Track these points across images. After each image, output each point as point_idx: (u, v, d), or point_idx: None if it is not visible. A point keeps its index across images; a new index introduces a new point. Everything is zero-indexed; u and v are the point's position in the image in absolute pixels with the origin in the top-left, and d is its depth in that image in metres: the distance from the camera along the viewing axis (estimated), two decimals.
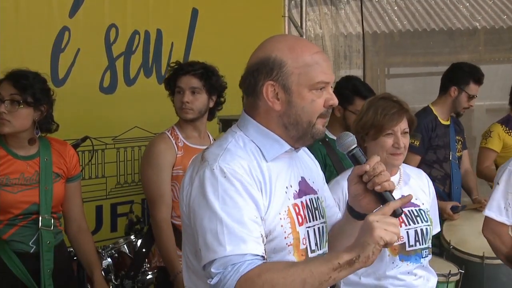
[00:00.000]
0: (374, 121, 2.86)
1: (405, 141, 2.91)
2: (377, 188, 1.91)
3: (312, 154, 2.29)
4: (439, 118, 4.88)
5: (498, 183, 3.19)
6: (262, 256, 1.81)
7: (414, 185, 3.06)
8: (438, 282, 3.18)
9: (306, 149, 2.24)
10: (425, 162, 4.78)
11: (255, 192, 1.87)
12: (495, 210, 3.18)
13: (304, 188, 2.06)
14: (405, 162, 4.80)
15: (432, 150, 4.83)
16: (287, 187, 1.99)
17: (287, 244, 1.93)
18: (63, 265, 3.37)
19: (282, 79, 1.93)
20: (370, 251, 1.77)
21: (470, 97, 4.85)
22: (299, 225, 1.97)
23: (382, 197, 1.93)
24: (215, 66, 3.74)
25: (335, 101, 1.97)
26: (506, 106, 5.45)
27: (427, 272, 3.03)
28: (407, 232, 2.92)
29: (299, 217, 1.98)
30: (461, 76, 4.88)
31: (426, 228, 2.97)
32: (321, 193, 2.13)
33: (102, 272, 3.64)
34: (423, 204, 3.04)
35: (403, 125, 2.91)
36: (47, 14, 4.24)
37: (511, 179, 3.14)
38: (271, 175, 1.94)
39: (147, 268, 3.80)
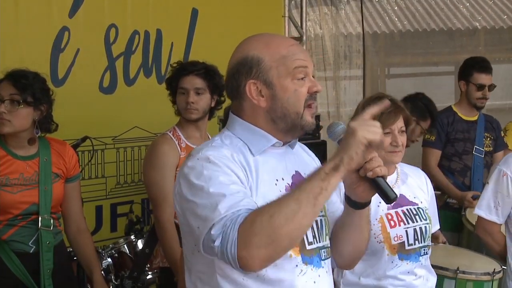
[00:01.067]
0: None
1: (402, 139, 2.94)
2: (369, 174, 1.89)
3: None
4: (459, 114, 5.11)
5: (488, 183, 3.24)
6: None
7: (412, 183, 3.07)
8: (483, 281, 3.22)
9: (305, 146, 2.26)
10: (444, 155, 5.05)
11: (239, 172, 1.89)
12: (484, 209, 3.23)
13: (298, 182, 2.04)
14: (424, 157, 4.97)
15: (450, 143, 5.06)
16: (277, 179, 2.00)
17: None
18: (63, 265, 3.36)
19: (262, 76, 1.95)
20: (354, 151, 1.80)
21: (479, 87, 4.99)
22: None
23: (376, 183, 1.92)
24: (215, 66, 3.75)
25: (318, 87, 1.99)
26: (507, 106, 5.50)
27: (427, 271, 3.02)
28: (406, 230, 2.92)
29: None
30: (464, 69, 5.11)
31: (425, 227, 2.98)
32: None
33: (102, 272, 3.65)
34: (421, 202, 3.05)
35: (400, 123, 2.94)
36: (47, 14, 4.25)
37: (500, 179, 3.16)
38: (257, 166, 1.95)
39: (147, 268, 3.80)
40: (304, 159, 2.19)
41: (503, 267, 3.65)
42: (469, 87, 5.03)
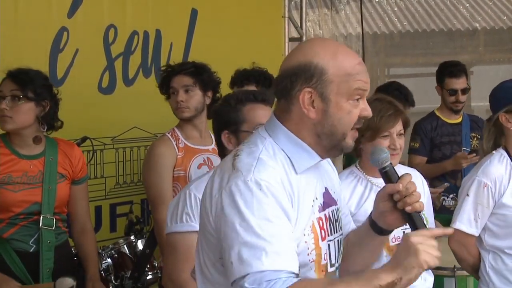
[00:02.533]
0: (370, 123, 2.85)
1: (400, 142, 2.95)
2: (408, 208, 1.86)
3: None
4: (442, 118, 5.13)
5: (468, 195, 3.09)
6: (297, 274, 1.74)
7: None
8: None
9: None
10: (433, 160, 5.07)
11: (288, 207, 1.80)
12: (465, 222, 3.09)
13: (328, 200, 1.99)
14: (409, 164, 4.96)
15: (436, 148, 5.08)
16: (313, 200, 1.92)
17: (309, 260, 1.87)
18: (64, 265, 3.35)
19: (321, 87, 1.85)
20: (414, 274, 1.74)
21: (451, 92, 5.03)
22: (322, 240, 1.91)
23: (410, 217, 1.90)
24: (208, 64, 3.76)
25: (369, 112, 1.92)
26: None
27: (425, 271, 3.01)
28: (404, 232, 2.90)
29: (322, 231, 1.92)
30: (438, 75, 5.19)
31: None
32: (339, 203, 2.08)
33: (102, 273, 3.64)
34: None
35: (399, 126, 2.95)
36: (46, 14, 4.24)
37: (480, 190, 3.07)
38: (299, 188, 1.86)
39: (147, 269, 3.80)
40: (329, 173, 2.10)
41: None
42: (443, 92, 5.10)
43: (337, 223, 2.01)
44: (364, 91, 1.89)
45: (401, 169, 3.10)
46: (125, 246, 3.89)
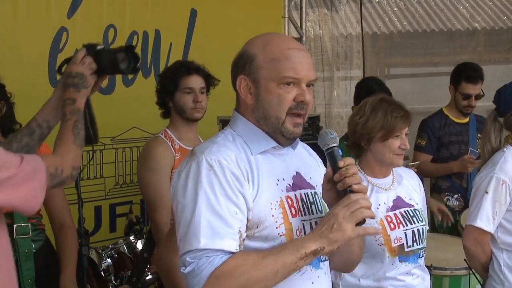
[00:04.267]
0: (384, 124, 2.89)
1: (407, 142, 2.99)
2: (340, 186, 1.92)
3: None
4: (450, 117, 5.07)
5: (487, 192, 3.09)
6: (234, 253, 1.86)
7: (407, 185, 3.08)
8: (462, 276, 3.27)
9: (307, 146, 2.25)
10: (440, 159, 5.02)
11: (240, 183, 1.90)
12: (485, 220, 3.10)
13: (299, 183, 2.06)
14: (414, 161, 4.94)
15: (444, 147, 5.04)
16: (278, 180, 2.00)
17: (278, 234, 1.95)
18: (48, 271, 3.25)
19: (252, 73, 1.97)
20: (336, 246, 1.86)
21: (465, 97, 4.95)
22: (292, 216, 1.98)
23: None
24: (208, 64, 3.76)
25: (306, 97, 1.96)
26: None
27: (422, 271, 3.03)
28: (405, 232, 2.91)
29: (292, 208, 1.99)
30: (454, 75, 5.06)
31: (422, 228, 2.98)
32: (319, 189, 2.11)
33: (102, 273, 3.63)
34: (417, 204, 3.05)
35: (407, 127, 2.97)
36: (45, 15, 4.24)
37: (498, 187, 3.08)
38: (259, 166, 1.96)
39: (146, 269, 3.79)
40: (306, 160, 2.18)
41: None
42: (456, 94, 5.01)
43: (313, 206, 2.07)
44: (294, 79, 1.95)
45: (398, 170, 3.11)
46: (124, 246, 3.89)
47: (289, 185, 2.03)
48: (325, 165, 2.16)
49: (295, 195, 2.03)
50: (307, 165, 2.16)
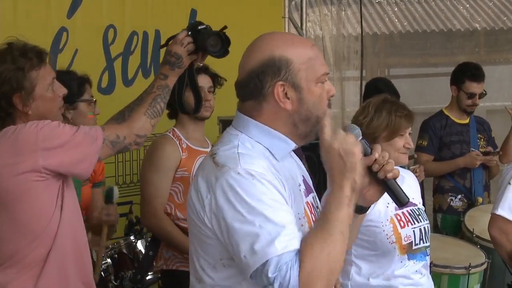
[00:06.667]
0: (389, 123, 2.92)
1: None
2: (390, 175, 1.89)
3: None
4: (451, 118, 5.11)
5: (510, 183, 3.29)
6: None
7: (409, 185, 3.11)
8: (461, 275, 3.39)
9: None
10: (442, 159, 5.05)
11: (282, 191, 1.83)
12: (506, 209, 3.28)
13: (307, 186, 2.04)
14: (416, 162, 4.97)
15: (446, 147, 5.07)
16: (299, 185, 1.98)
17: None
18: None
19: (291, 78, 1.88)
20: (358, 172, 1.81)
21: (469, 96, 4.96)
22: (313, 223, 1.95)
23: (387, 186, 1.92)
24: (208, 64, 3.75)
25: (334, 91, 1.97)
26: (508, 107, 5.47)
27: (427, 270, 3.06)
28: (413, 230, 2.96)
29: (312, 215, 1.97)
30: (457, 75, 5.10)
31: (427, 227, 3.03)
32: (313, 191, 2.11)
33: (102, 273, 3.63)
34: (419, 203, 3.10)
35: (410, 126, 3.01)
36: (45, 15, 4.25)
37: None
38: (285, 175, 1.90)
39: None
40: (299, 163, 2.14)
41: (487, 260, 3.78)
42: (460, 93, 5.03)
43: (318, 210, 2.06)
44: (327, 74, 1.95)
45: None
46: (124, 246, 3.89)
47: (305, 190, 2.00)
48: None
49: (308, 200, 2.01)
50: (302, 169, 2.13)
